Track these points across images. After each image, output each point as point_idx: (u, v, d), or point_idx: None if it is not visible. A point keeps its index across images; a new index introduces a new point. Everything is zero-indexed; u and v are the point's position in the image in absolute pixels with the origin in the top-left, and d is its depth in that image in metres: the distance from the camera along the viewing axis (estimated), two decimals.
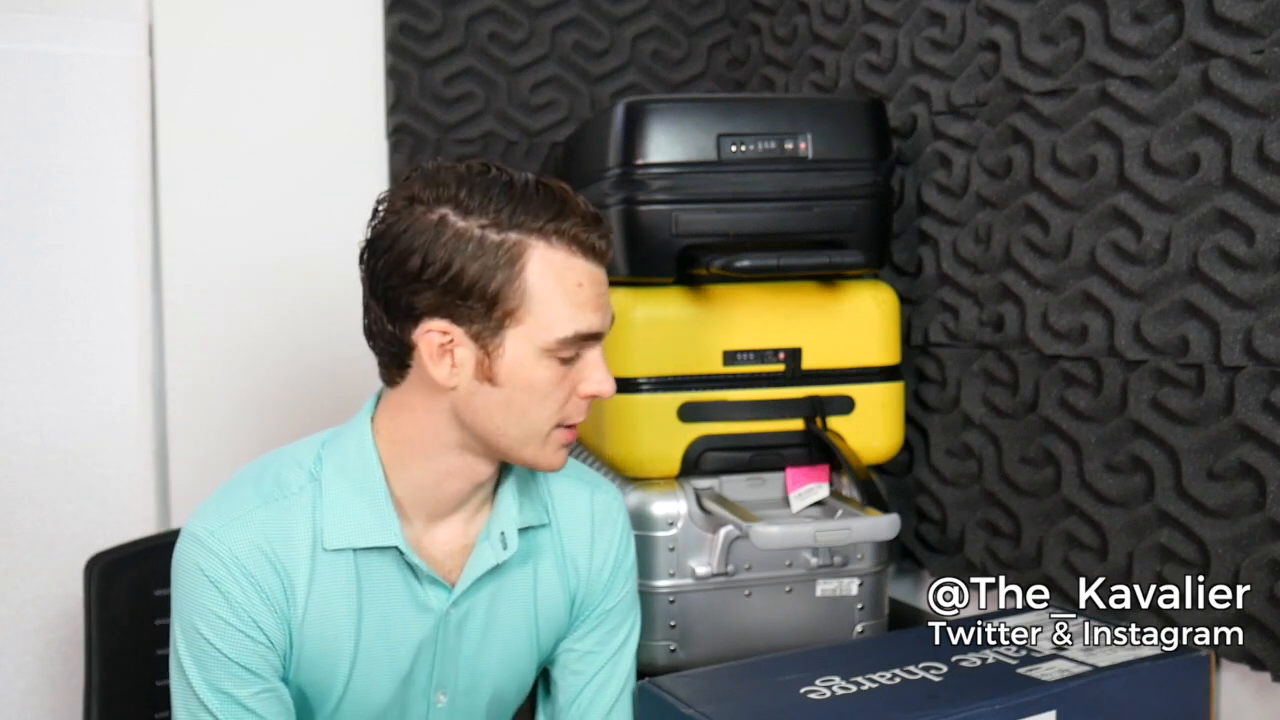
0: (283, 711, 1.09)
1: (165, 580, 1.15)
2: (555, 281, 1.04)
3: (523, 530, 1.18)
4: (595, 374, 1.09)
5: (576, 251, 1.05)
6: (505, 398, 1.07)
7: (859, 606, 1.52)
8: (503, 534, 1.15)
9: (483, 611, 1.16)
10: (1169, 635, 1.27)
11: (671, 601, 1.47)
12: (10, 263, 1.70)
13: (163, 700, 1.40)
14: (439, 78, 1.92)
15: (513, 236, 1.04)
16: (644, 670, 1.44)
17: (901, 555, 1.70)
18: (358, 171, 1.91)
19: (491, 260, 1.03)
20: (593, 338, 1.08)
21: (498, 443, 1.10)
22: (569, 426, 1.10)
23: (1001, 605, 1.48)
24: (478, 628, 1.16)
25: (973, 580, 1.56)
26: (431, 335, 1.05)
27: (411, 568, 1.12)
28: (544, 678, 1.28)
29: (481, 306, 1.04)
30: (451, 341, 1.06)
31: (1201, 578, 1.27)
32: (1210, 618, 1.26)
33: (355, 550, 1.10)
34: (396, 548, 1.10)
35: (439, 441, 1.10)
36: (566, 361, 1.07)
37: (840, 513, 1.46)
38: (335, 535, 1.09)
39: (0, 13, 1.69)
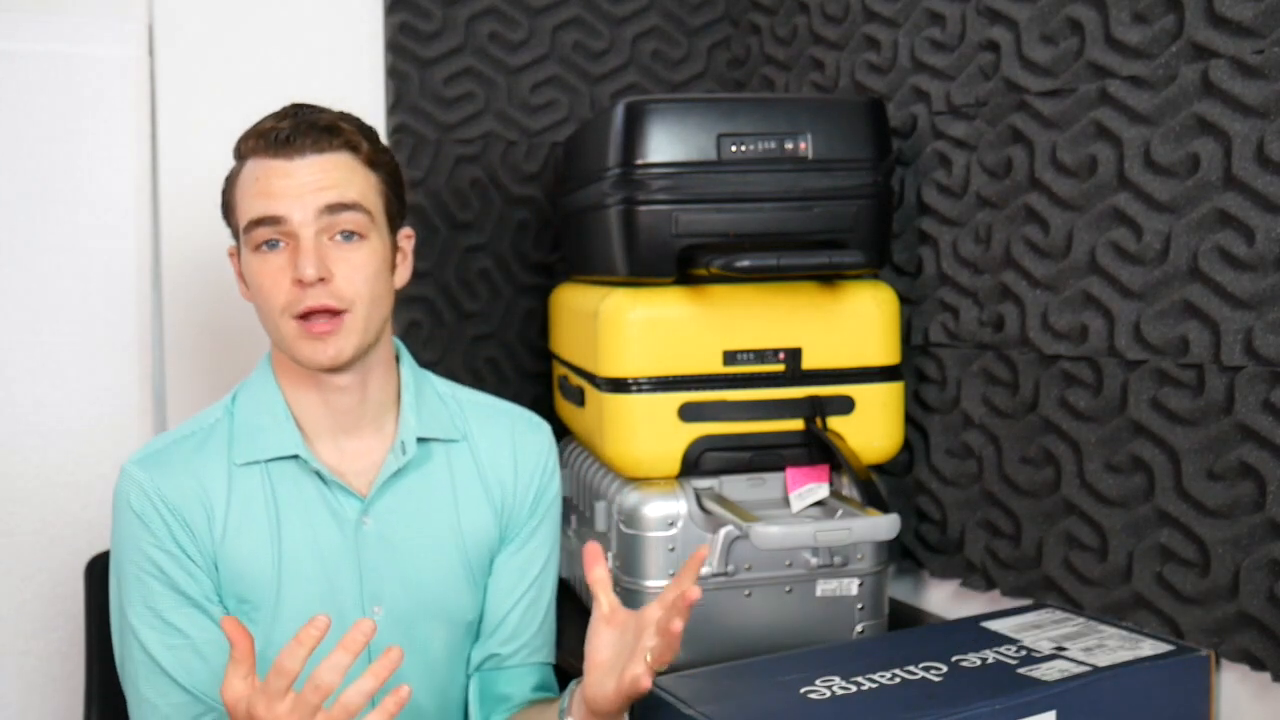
0: (210, 626, 1.17)
1: None
2: (244, 182, 1.20)
3: (431, 441, 1.27)
4: (297, 259, 1.15)
5: (261, 153, 1.19)
6: (255, 299, 1.21)
7: (859, 606, 1.52)
8: (403, 442, 1.25)
9: (403, 524, 1.24)
10: (1169, 635, 1.27)
11: None
12: (10, 263, 1.70)
13: None
14: (439, 78, 1.92)
15: (235, 162, 1.23)
16: None
17: (901, 555, 1.71)
18: None
19: (228, 186, 1.24)
20: (267, 222, 1.16)
21: (274, 345, 1.23)
22: (302, 317, 1.16)
23: (1001, 605, 1.49)
24: (402, 540, 1.24)
25: (973, 580, 1.58)
26: (230, 260, 1.27)
27: (320, 477, 1.21)
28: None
29: (230, 224, 1.24)
30: (239, 263, 1.24)
31: (1202, 578, 1.27)
32: (1210, 618, 1.26)
33: (265, 463, 1.21)
34: (299, 456, 1.21)
35: (284, 356, 1.23)
36: (262, 249, 1.17)
37: (840, 513, 1.46)
38: (243, 451, 1.21)
39: (0, 13, 1.69)
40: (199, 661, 1.16)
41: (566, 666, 1.39)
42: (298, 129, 1.17)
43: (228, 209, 1.23)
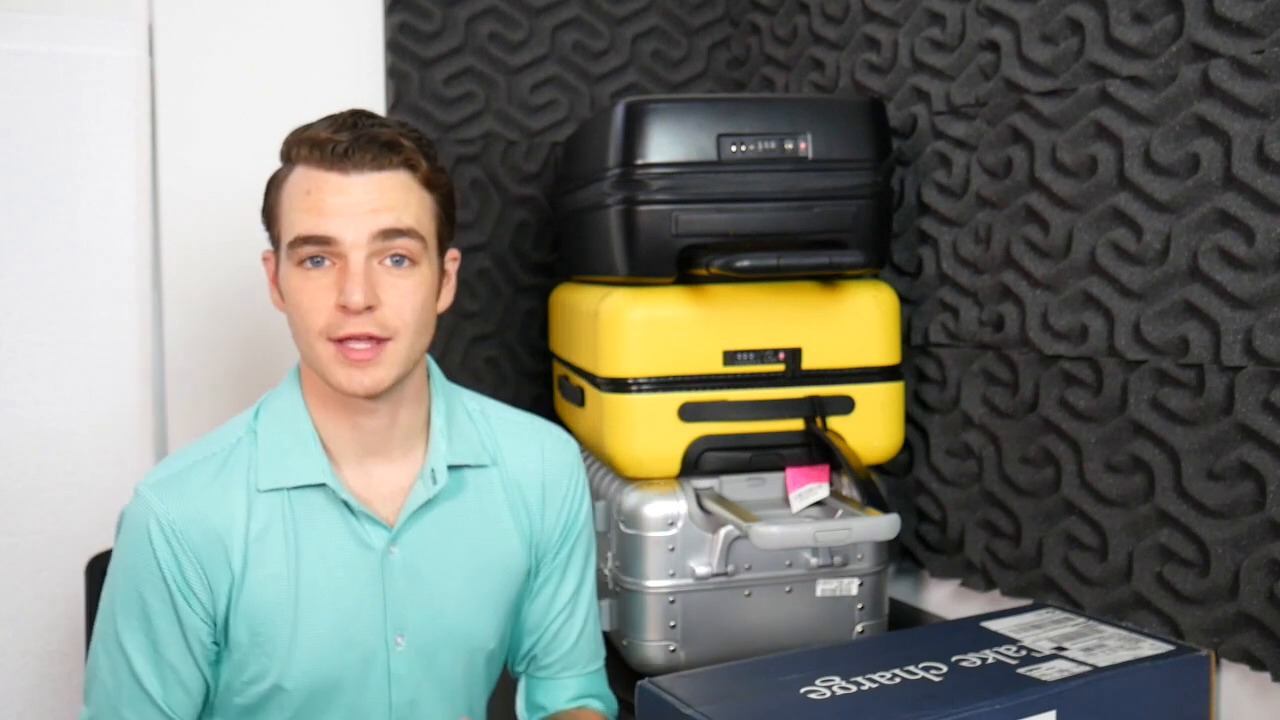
0: (194, 666, 1.13)
1: None
2: (292, 192, 1.12)
3: (461, 468, 1.22)
4: (344, 284, 1.08)
5: (313, 163, 1.10)
6: (289, 314, 1.14)
7: (859, 606, 1.52)
8: (433, 470, 1.19)
9: (432, 553, 1.19)
10: (1169, 635, 1.27)
11: (671, 601, 1.47)
12: (10, 263, 1.70)
13: None
14: (439, 78, 1.92)
15: (282, 165, 1.14)
16: (644, 670, 1.44)
17: (901, 555, 1.71)
18: None
19: (272, 188, 1.15)
20: (315, 241, 1.09)
21: (306, 364, 1.17)
22: (339, 341, 1.10)
23: (1001, 605, 1.49)
24: (429, 569, 1.19)
25: (973, 580, 1.58)
26: (264, 265, 1.19)
27: (348, 506, 1.15)
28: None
29: (271, 231, 1.16)
30: (275, 270, 1.16)
31: (1202, 578, 1.27)
32: (1210, 618, 1.26)
33: (289, 490, 1.15)
34: (327, 485, 1.15)
35: (314, 376, 1.16)
36: (305, 265, 1.10)
37: (840, 513, 1.46)
38: (267, 477, 1.15)
39: (0, 13, 1.69)
40: (185, 696, 1.14)
41: None
42: (357, 142, 1.09)
43: (269, 215, 1.15)
